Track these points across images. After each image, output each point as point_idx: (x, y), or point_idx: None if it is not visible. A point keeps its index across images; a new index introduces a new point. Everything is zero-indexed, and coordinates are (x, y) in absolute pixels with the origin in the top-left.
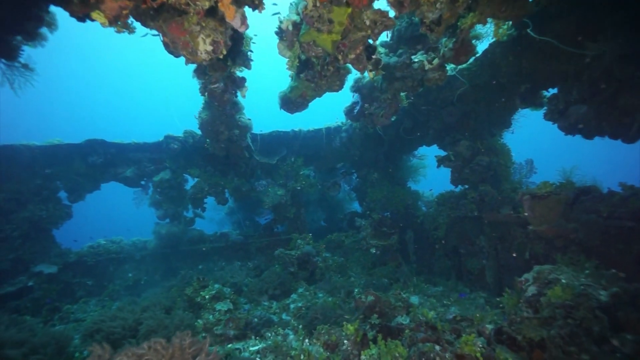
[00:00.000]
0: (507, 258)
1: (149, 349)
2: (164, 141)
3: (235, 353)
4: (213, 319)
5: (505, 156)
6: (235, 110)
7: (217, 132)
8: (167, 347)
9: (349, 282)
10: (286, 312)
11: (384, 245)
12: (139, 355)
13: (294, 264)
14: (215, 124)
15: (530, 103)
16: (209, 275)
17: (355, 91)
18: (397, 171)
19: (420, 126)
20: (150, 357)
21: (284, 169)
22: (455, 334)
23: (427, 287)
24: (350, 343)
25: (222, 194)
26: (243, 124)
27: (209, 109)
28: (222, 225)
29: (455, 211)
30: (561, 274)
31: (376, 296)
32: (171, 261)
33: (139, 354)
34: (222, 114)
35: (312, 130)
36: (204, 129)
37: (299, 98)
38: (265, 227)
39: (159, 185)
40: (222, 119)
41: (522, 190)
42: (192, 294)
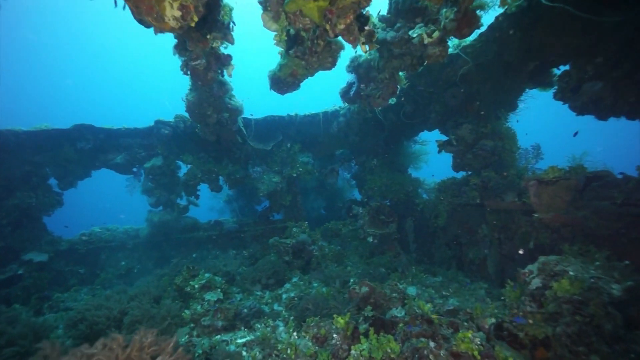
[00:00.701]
0: (510, 248)
1: (102, 348)
2: (155, 126)
3: (221, 345)
4: (201, 310)
5: (510, 140)
6: (223, 91)
7: (205, 115)
8: (124, 345)
9: (345, 272)
10: (278, 302)
11: (382, 234)
12: (89, 356)
13: (289, 253)
14: (202, 106)
15: (539, 82)
16: (202, 263)
17: (351, 71)
18: (397, 157)
19: (421, 110)
20: (102, 357)
21: (279, 155)
22: (453, 328)
23: (426, 277)
24: (340, 337)
25: (216, 181)
26: (233, 106)
27: (195, 91)
28: (222, 213)
29: (456, 199)
30: (569, 266)
31: (371, 287)
32: (164, 249)
33: (89, 354)
34: (209, 96)
35: (308, 115)
36: (191, 112)
37: (290, 77)
38: (261, 215)
39: (151, 172)
40: (209, 101)
41: (528, 175)
42: (182, 283)
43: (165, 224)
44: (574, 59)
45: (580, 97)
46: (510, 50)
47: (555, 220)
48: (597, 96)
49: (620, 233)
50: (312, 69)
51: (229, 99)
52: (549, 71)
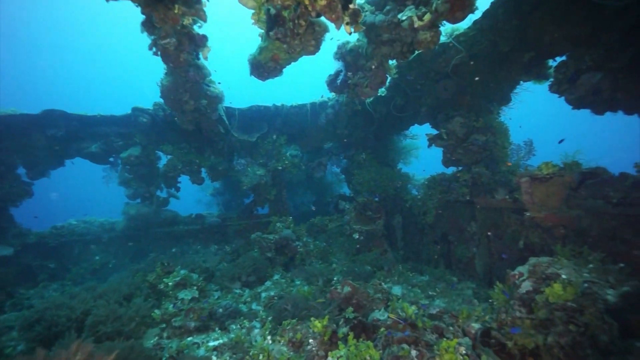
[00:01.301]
0: (500, 246)
1: None
2: (132, 114)
3: (192, 348)
4: (173, 309)
5: (502, 135)
6: (200, 76)
7: (181, 101)
8: None
9: (329, 270)
10: (257, 301)
11: (368, 230)
12: None
13: (272, 249)
14: (178, 92)
15: (534, 75)
16: (180, 259)
17: (338, 58)
18: (387, 152)
19: (412, 103)
20: None
21: (264, 148)
22: (437, 333)
23: (413, 275)
24: (317, 342)
25: (198, 173)
26: (212, 93)
27: (171, 75)
28: (209, 206)
29: (445, 195)
30: (561, 268)
31: (353, 287)
32: (142, 243)
33: None
34: (185, 81)
35: (295, 105)
36: (166, 98)
37: (271, 62)
38: (245, 209)
39: (128, 162)
40: (186, 87)
41: (520, 171)
42: (155, 280)
43: (143, 217)
44: (572, 50)
45: (577, 90)
46: (505, 40)
47: (547, 220)
48: (595, 88)
49: (614, 234)
50: (294, 54)
51: (207, 85)
52: (544, 62)
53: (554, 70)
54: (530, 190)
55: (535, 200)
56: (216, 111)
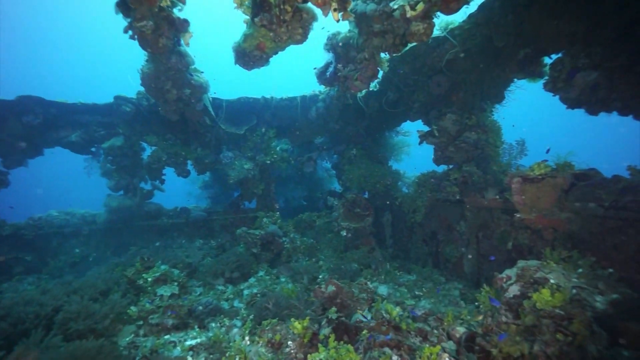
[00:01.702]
0: (488, 247)
1: None
2: (115, 103)
3: (167, 347)
4: (150, 306)
5: (495, 134)
6: (183, 64)
7: (163, 90)
8: None
9: (316, 267)
10: (240, 298)
11: (357, 227)
12: None
13: (257, 245)
14: (159, 79)
15: (529, 72)
16: (163, 253)
17: (329, 50)
18: (378, 148)
19: (405, 99)
20: None
21: (253, 141)
22: (421, 337)
23: (401, 274)
24: (296, 345)
25: (183, 165)
26: (197, 82)
27: (152, 62)
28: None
29: (435, 193)
30: (550, 273)
31: (338, 286)
32: (125, 237)
33: None
34: (167, 68)
35: (285, 98)
36: (147, 86)
37: (256, 50)
38: (232, 203)
39: (110, 153)
40: (168, 75)
41: (512, 171)
42: (134, 275)
43: (126, 209)
44: (569, 47)
45: (573, 89)
46: (500, 35)
47: (538, 222)
48: (591, 87)
49: (604, 238)
50: (281, 42)
51: (191, 74)
52: (540, 60)
53: (550, 68)
54: (521, 191)
55: (525, 201)
56: (201, 101)
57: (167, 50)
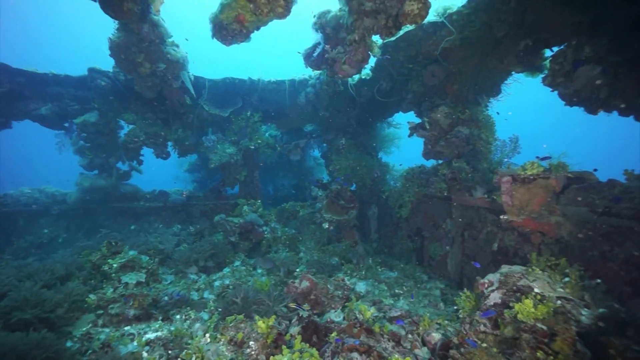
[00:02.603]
0: (474, 247)
1: None
2: (89, 76)
3: (124, 340)
4: (111, 294)
5: (488, 130)
6: (156, 34)
7: (135, 63)
8: None
9: (295, 259)
10: (211, 289)
11: (340, 220)
12: None
13: (236, 233)
14: (130, 51)
15: (528, 65)
16: (134, 238)
17: (317, 29)
18: (368, 139)
19: (398, 89)
20: None
21: (237, 124)
22: (394, 341)
23: (382, 270)
24: (259, 345)
25: (163, 146)
26: (173, 57)
27: (123, 30)
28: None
29: (423, 189)
30: (534, 280)
31: (312, 282)
32: (98, 219)
33: None
34: (139, 39)
35: (273, 81)
36: (117, 57)
37: (235, 23)
38: (213, 188)
39: (83, 129)
40: (140, 46)
41: (502, 170)
42: (99, 260)
43: (100, 189)
44: (573, 38)
45: (573, 84)
46: (501, 23)
47: (525, 225)
48: (593, 83)
49: (594, 245)
50: (262, 16)
51: (166, 47)
52: (540, 53)
53: (551, 60)
54: (510, 191)
55: (514, 202)
56: (178, 78)
57: (134, 17)
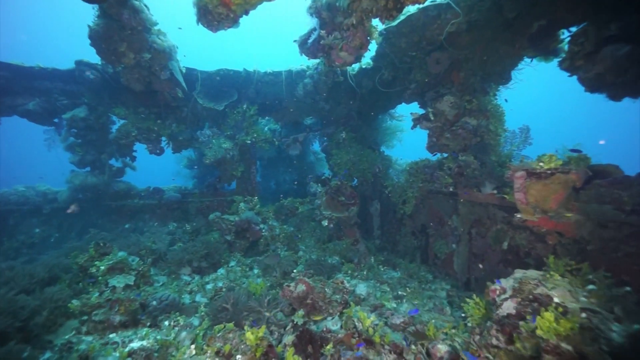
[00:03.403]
0: (482, 245)
1: None
2: (77, 69)
3: (106, 350)
4: (96, 299)
5: (497, 120)
6: (138, 21)
7: (117, 52)
8: None
9: (292, 259)
10: (204, 291)
11: (340, 217)
12: None
13: (231, 232)
14: (112, 39)
15: (542, 49)
16: (127, 237)
17: (312, 14)
18: (370, 132)
19: (400, 78)
20: None
21: (233, 118)
22: (396, 353)
23: (385, 270)
24: (246, 359)
25: (156, 142)
26: (159, 47)
27: (103, 17)
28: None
29: (427, 184)
30: (553, 288)
31: (308, 285)
32: (91, 217)
33: None
34: (121, 27)
35: (270, 72)
36: (97, 46)
37: (220, 6)
38: (209, 185)
39: (72, 125)
40: (122, 35)
41: (514, 164)
42: (86, 262)
43: (91, 187)
44: (594, 16)
45: (595, 66)
46: (512, 3)
47: (542, 225)
48: (619, 65)
49: (617, 246)
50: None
51: (151, 36)
52: (555, 34)
53: (570, 41)
54: (524, 188)
55: (529, 199)
56: (166, 70)
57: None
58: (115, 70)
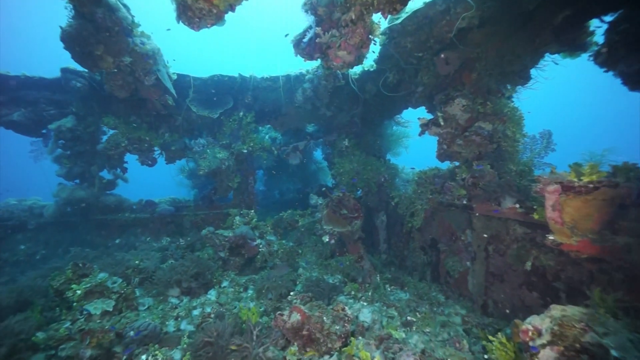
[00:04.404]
0: (500, 264)
1: None
2: (62, 77)
3: None
4: (64, 331)
5: (514, 125)
6: (114, 21)
7: (93, 56)
8: None
9: (292, 277)
10: (190, 318)
11: (342, 232)
12: None
13: (225, 248)
14: (87, 42)
15: (567, 43)
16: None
17: (308, 11)
18: (374, 139)
19: (407, 82)
20: None
21: (229, 126)
22: None
23: (392, 290)
24: None
25: (148, 152)
26: (141, 50)
27: (78, 17)
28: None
29: (438, 195)
30: (607, 334)
31: (304, 315)
32: (80, 233)
33: None
34: (97, 28)
35: (267, 78)
36: (71, 49)
37: (201, 1)
38: (204, 197)
39: (59, 136)
40: (99, 37)
41: (546, 175)
42: (62, 286)
43: (80, 201)
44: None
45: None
46: None
47: (582, 250)
48: None
49: None
50: None
51: (133, 38)
52: (584, 26)
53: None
54: (558, 205)
55: (565, 219)
56: (150, 75)
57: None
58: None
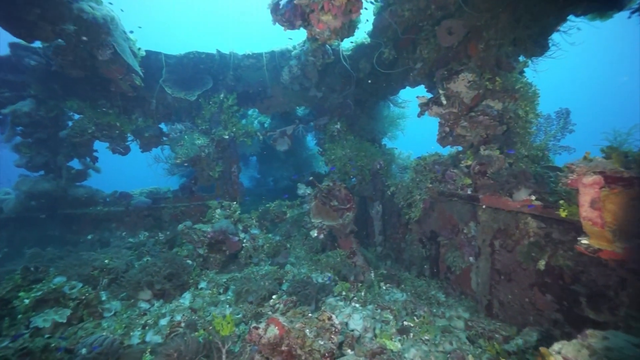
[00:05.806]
0: (508, 261)
1: None
2: (12, 54)
3: None
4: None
5: (528, 103)
6: None
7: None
8: None
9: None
10: (156, 327)
11: (333, 226)
12: None
13: (204, 244)
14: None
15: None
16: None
17: None
18: (368, 122)
19: (404, 57)
20: None
21: (208, 110)
22: None
23: (387, 289)
24: None
25: (120, 139)
26: (89, 16)
27: None
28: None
29: (439, 185)
30: None
31: (282, 328)
32: (48, 228)
33: None
34: None
35: (249, 55)
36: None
37: None
38: (183, 188)
39: (16, 121)
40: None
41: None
42: (9, 294)
43: (43, 194)
44: None
45: None
46: None
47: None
48: None
49: None
50: None
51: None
52: None
53: None
54: (599, 201)
55: (606, 219)
56: (105, 48)
57: None
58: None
